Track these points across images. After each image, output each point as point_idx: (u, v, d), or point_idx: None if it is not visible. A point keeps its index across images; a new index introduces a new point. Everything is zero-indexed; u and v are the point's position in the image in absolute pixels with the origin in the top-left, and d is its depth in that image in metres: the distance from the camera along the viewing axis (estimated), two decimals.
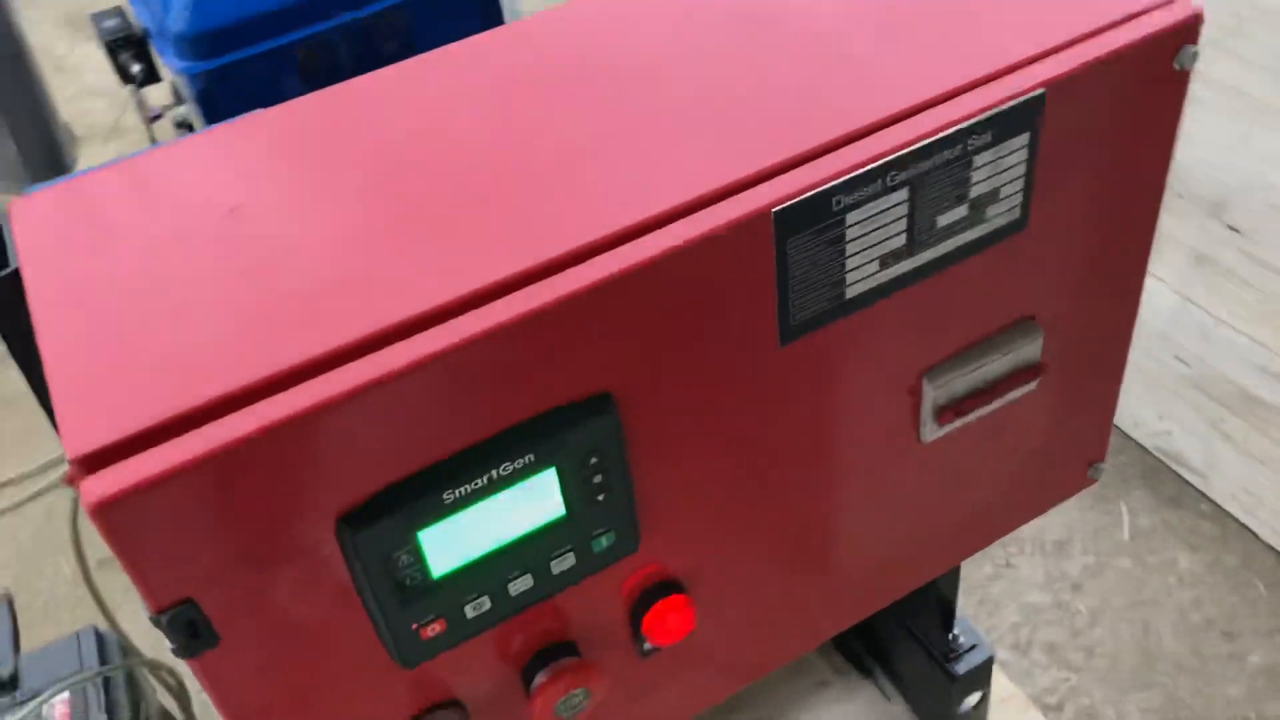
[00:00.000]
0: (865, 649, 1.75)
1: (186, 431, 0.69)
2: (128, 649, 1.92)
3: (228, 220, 0.85)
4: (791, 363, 0.88)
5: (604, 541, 0.87)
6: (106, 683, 1.86)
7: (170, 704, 2.01)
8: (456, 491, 0.77)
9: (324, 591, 0.78)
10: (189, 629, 0.73)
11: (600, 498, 0.84)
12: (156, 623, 0.72)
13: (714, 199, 0.80)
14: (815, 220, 0.81)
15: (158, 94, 2.07)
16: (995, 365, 1.00)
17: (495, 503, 0.79)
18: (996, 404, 1.03)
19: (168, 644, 0.73)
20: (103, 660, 1.90)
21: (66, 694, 1.85)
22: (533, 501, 0.82)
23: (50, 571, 2.37)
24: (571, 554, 0.86)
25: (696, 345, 0.83)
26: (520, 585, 0.85)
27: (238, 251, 0.81)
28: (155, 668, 1.89)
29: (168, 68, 1.78)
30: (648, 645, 0.98)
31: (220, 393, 0.70)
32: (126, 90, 1.99)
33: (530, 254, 0.76)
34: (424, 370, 0.71)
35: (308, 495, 0.73)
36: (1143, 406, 2.45)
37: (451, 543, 0.80)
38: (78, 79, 4.15)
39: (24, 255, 0.84)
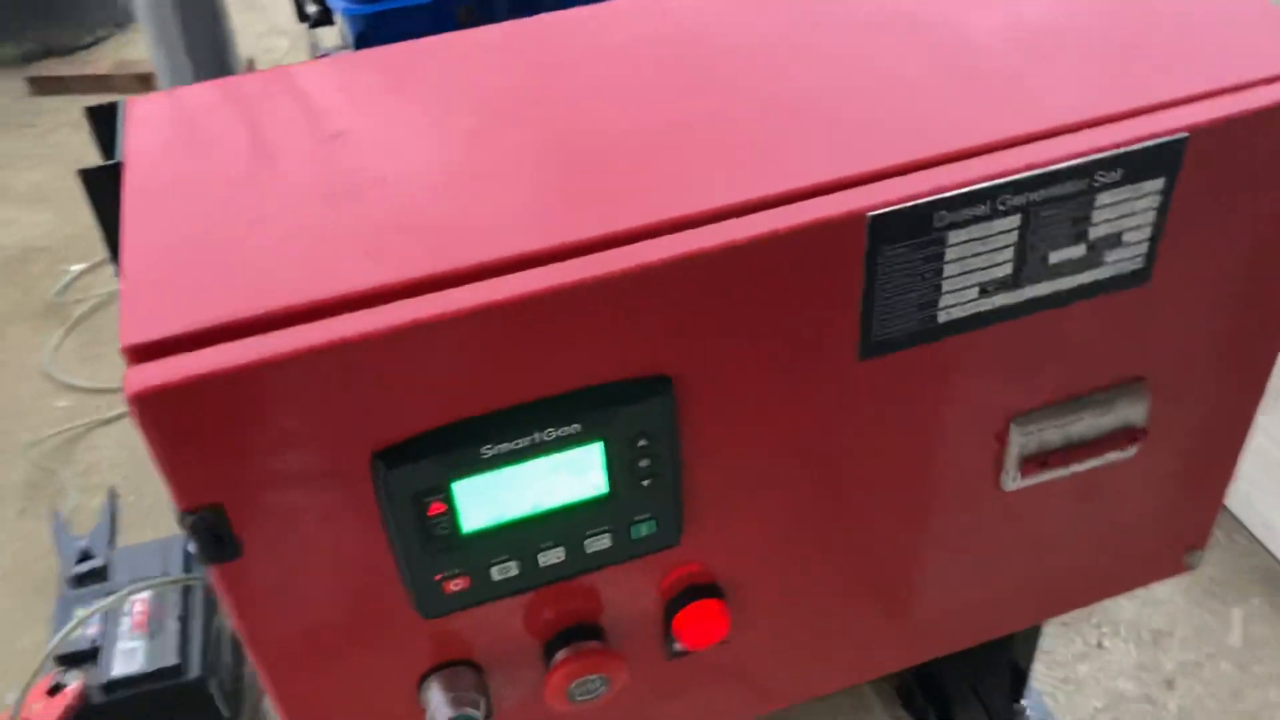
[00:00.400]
0: (928, 703, 1.68)
1: (240, 338, 0.69)
2: None
3: (329, 145, 0.85)
4: (868, 380, 0.84)
5: (644, 529, 0.84)
6: (186, 591, 1.91)
7: None
8: (497, 448, 0.75)
9: (351, 525, 0.77)
10: (213, 535, 0.73)
11: (645, 483, 0.81)
12: (182, 522, 0.73)
13: (812, 194, 0.76)
14: (913, 233, 0.77)
15: (330, 35, 2.12)
16: (1093, 423, 0.94)
17: (536, 467, 0.78)
18: (1089, 464, 0.97)
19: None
20: (187, 570, 1.96)
21: (148, 594, 1.91)
22: (575, 474, 0.80)
23: (158, 478, 2.45)
24: (608, 535, 0.84)
25: (769, 342, 0.79)
26: (551, 558, 0.83)
27: (330, 176, 0.82)
28: None
29: (335, 9, 1.82)
30: (677, 646, 0.95)
31: (278, 307, 0.70)
32: (303, 29, 2.05)
33: (614, 219, 0.74)
34: (485, 317, 0.70)
35: (348, 424, 0.72)
36: (1276, 510, 2.30)
37: (485, 500, 0.78)
38: (268, 18, 4.30)
39: (130, 150, 0.85)
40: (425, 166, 0.82)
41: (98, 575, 1.94)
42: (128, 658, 1.83)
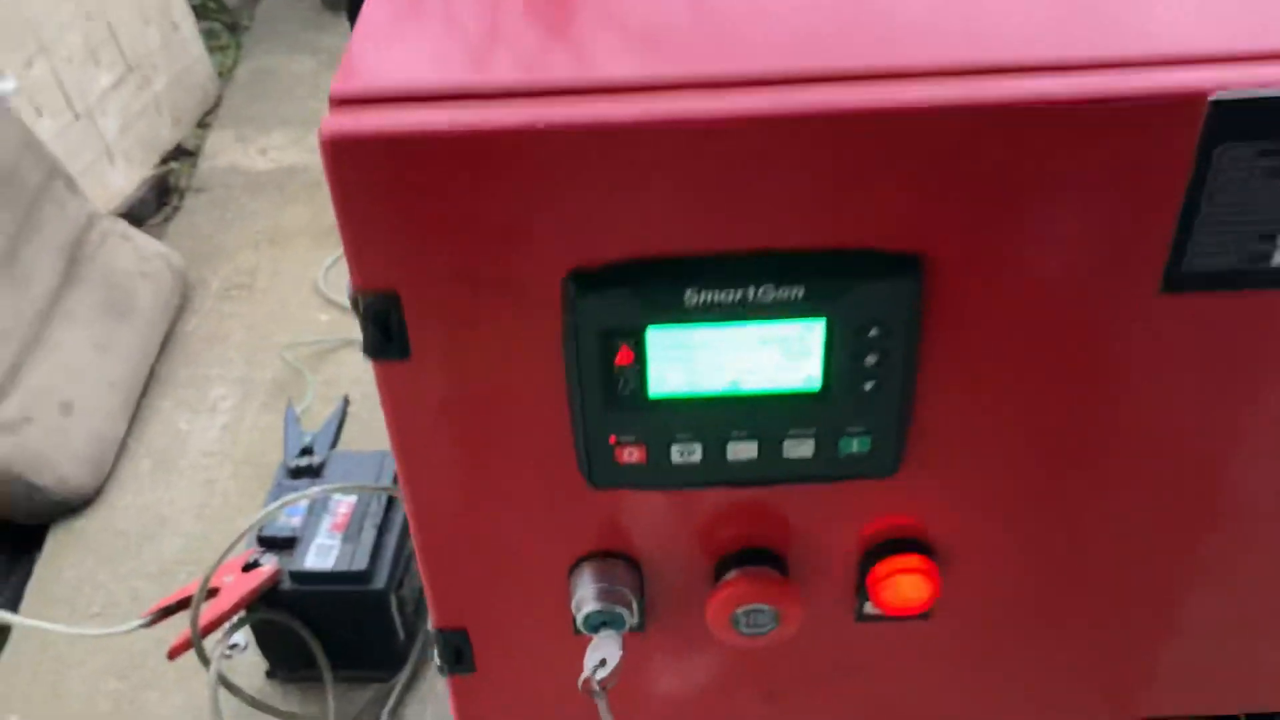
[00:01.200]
0: None
1: (458, 104, 0.62)
2: None
3: None
4: (1166, 322, 0.69)
5: (855, 445, 0.72)
6: (389, 504, 1.91)
7: None
8: (704, 295, 0.65)
9: (529, 355, 0.69)
10: (383, 326, 0.66)
11: (868, 385, 0.69)
12: (355, 304, 0.66)
13: (1143, 64, 0.62)
14: (1268, 131, 0.61)
15: None
16: None
17: (742, 336, 0.67)
18: None
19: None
20: (396, 483, 1.96)
21: (353, 498, 1.92)
22: (786, 355, 0.68)
23: None
24: (812, 442, 0.72)
25: (1051, 243, 0.66)
26: (741, 451, 0.72)
27: None
28: None
29: None
30: (868, 607, 0.82)
31: (507, 81, 0.62)
32: None
33: (899, 52, 0.63)
34: (726, 131, 0.60)
35: (548, 229, 0.64)
36: None
37: (680, 362, 0.68)
38: None
39: None
40: None
41: (313, 471, 1.97)
42: (321, 553, 1.84)
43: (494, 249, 0.64)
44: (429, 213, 0.62)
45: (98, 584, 2.12)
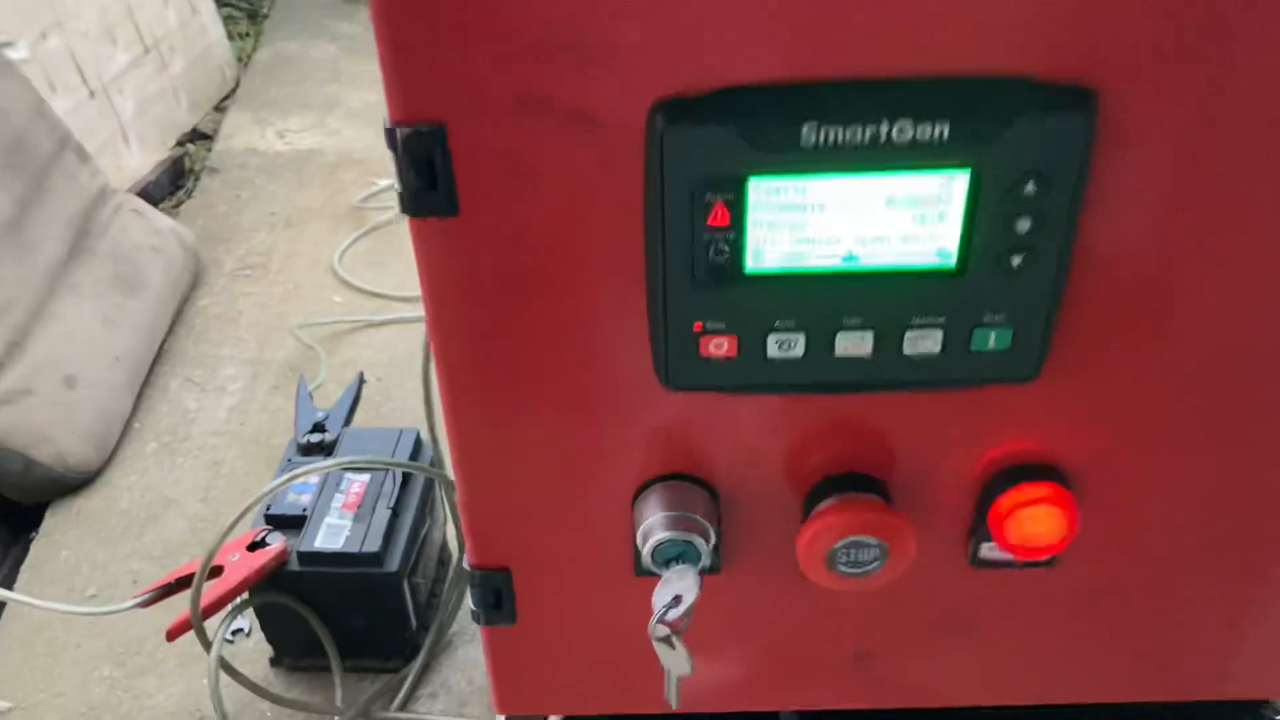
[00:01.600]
0: None
1: None
2: (437, 464, 1.84)
3: None
4: None
5: (992, 339, 0.59)
6: (404, 485, 1.79)
7: (453, 540, 1.92)
8: (825, 134, 0.53)
9: (600, 211, 0.56)
10: (426, 166, 0.54)
11: (1015, 261, 0.57)
12: (391, 141, 0.54)
13: None
14: None
15: None
16: None
17: (867, 190, 0.55)
18: None
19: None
20: (413, 457, 1.85)
21: (366, 477, 1.80)
22: (919, 219, 0.56)
23: (410, 387, 2.38)
24: (940, 334, 0.59)
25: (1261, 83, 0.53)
26: (852, 344, 0.59)
27: None
28: (452, 487, 1.80)
29: None
30: (984, 549, 0.69)
31: None
32: None
33: None
34: None
35: (639, 42, 0.52)
36: None
37: (787, 225, 0.56)
38: None
39: None
40: None
41: (325, 448, 1.86)
42: (331, 533, 1.72)
43: (565, 70, 0.52)
44: (487, 22, 0.50)
45: (96, 564, 2.00)
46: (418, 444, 1.86)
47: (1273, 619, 0.74)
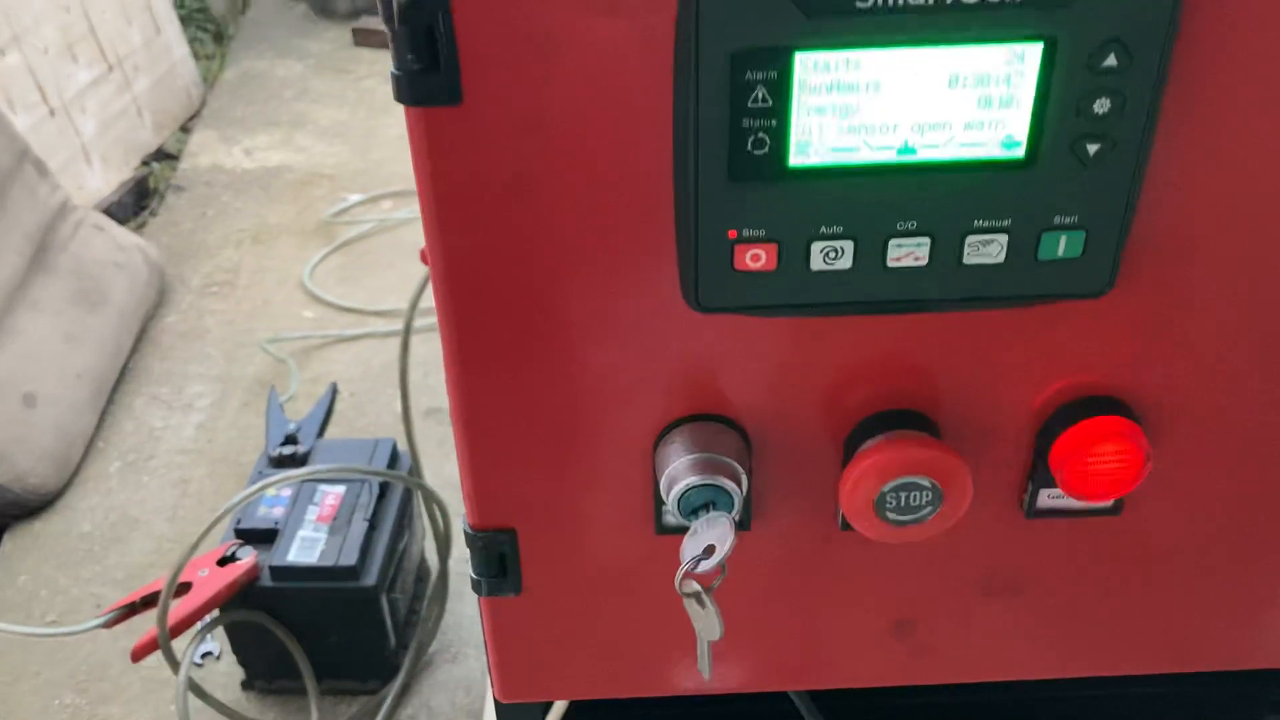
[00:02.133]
0: None
1: None
2: (415, 473, 1.76)
3: None
4: None
5: (1062, 245, 0.53)
6: (381, 496, 1.71)
7: (432, 553, 1.84)
8: None
9: (627, 94, 0.49)
10: (426, 37, 0.47)
11: (1092, 150, 0.50)
12: (387, 10, 0.47)
13: None
14: None
15: None
16: None
17: (927, 64, 0.48)
18: None
19: None
20: (391, 466, 1.77)
21: (341, 488, 1.72)
22: (984, 104, 0.50)
23: (384, 401, 2.30)
24: (1004, 240, 0.53)
25: None
26: (906, 252, 0.53)
27: None
28: (431, 497, 1.72)
29: None
30: (1044, 497, 0.62)
31: None
32: None
33: None
34: None
35: None
36: None
37: (836, 109, 0.49)
38: None
39: None
40: None
41: (298, 460, 1.77)
42: (305, 547, 1.65)
43: None
44: None
45: (56, 589, 1.90)
46: (394, 454, 1.78)
47: None
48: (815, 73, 0.48)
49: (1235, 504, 0.64)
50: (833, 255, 0.53)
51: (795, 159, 0.50)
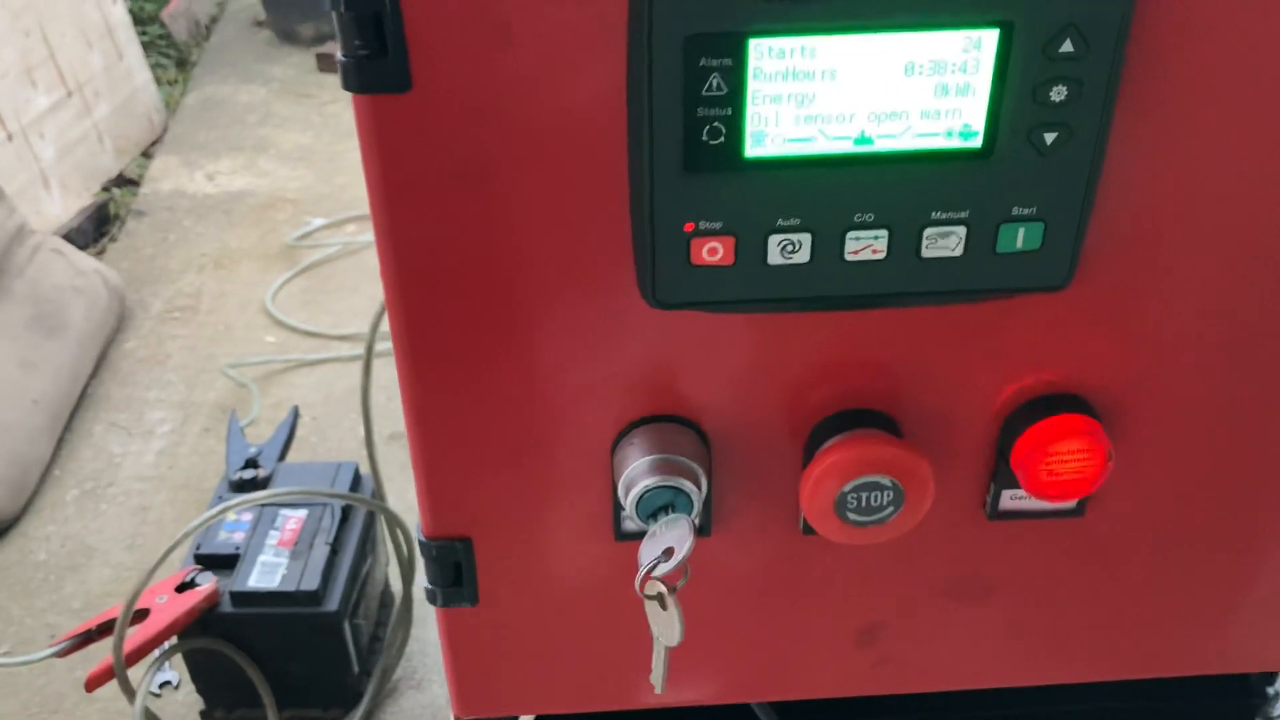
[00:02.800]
0: None
1: None
2: (378, 497, 1.74)
3: None
4: None
5: (1020, 236, 0.52)
6: (344, 520, 1.69)
7: (396, 579, 1.81)
8: None
9: (581, 82, 0.49)
10: (373, 21, 0.46)
11: (1049, 139, 0.50)
12: (337, 10, 0.46)
13: None
14: None
15: None
16: None
17: (883, 50, 0.48)
18: None
19: None
20: (354, 489, 1.75)
21: (303, 512, 1.70)
22: (940, 92, 0.49)
23: (347, 426, 2.28)
24: (963, 230, 0.52)
25: None
26: (863, 245, 0.52)
27: None
28: (394, 521, 1.69)
29: None
30: (1006, 498, 0.62)
31: None
32: None
33: None
34: None
35: None
36: None
37: (791, 97, 0.49)
38: None
39: None
40: None
41: (259, 485, 1.75)
42: (266, 572, 1.62)
43: None
44: None
45: (10, 619, 1.86)
46: (357, 478, 1.76)
47: None
48: (770, 59, 0.48)
49: (1200, 504, 0.63)
50: (790, 248, 0.52)
51: (751, 149, 0.50)
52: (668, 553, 0.54)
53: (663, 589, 0.55)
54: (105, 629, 1.50)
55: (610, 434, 0.59)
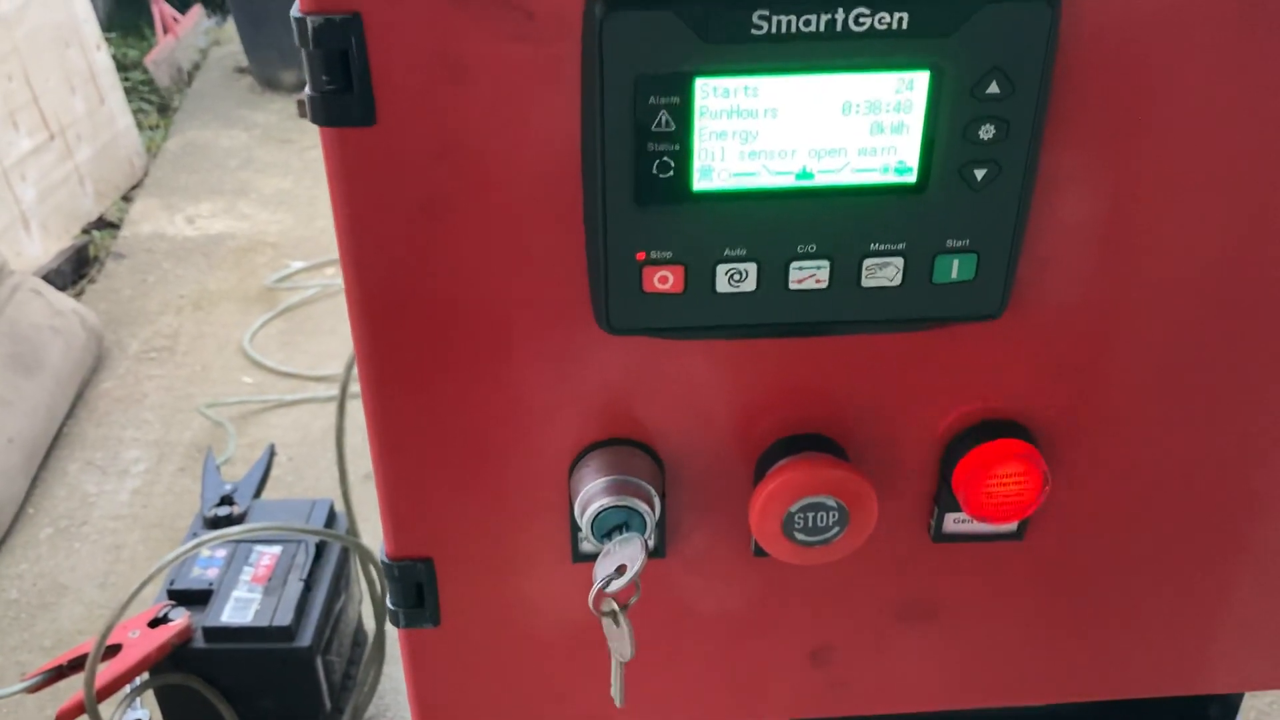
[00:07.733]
0: None
1: None
2: (352, 534, 1.75)
3: None
4: None
5: (954, 267, 0.55)
6: (318, 557, 1.70)
7: (369, 618, 1.82)
8: (775, 22, 0.49)
9: (536, 117, 0.51)
10: (340, 58, 0.49)
11: (980, 175, 0.53)
12: (301, 32, 0.49)
13: None
14: None
15: None
16: None
17: (822, 91, 0.51)
18: None
19: None
20: (328, 525, 1.76)
21: (277, 549, 1.71)
22: (876, 130, 0.52)
23: (323, 466, 2.28)
24: (900, 262, 0.55)
25: None
26: (807, 274, 0.55)
27: None
28: (368, 558, 1.70)
29: None
30: (949, 522, 0.64)
31: None
32: None
33: None
34: None
35: None
36: None
37: (737, 134, 0.52)
38: None
39: None
40: None
41: (233, 521, 1.75)
42: (240, 607, 1.62)
43: None
44: None
45: None
46: (331, 515, 1.77)
47: (1248, 604, 0.70)
48: (715, 98, 0.50)
49: (1136, 528, 0.65)
50: (737, 277, 0.54)
51: (699, 183, 0.52)
52: (620, 570, 0.56)
53: (615, 606, 0.57)
54: (77, 664, 1.50)
55: (568, 457, 0.61)
